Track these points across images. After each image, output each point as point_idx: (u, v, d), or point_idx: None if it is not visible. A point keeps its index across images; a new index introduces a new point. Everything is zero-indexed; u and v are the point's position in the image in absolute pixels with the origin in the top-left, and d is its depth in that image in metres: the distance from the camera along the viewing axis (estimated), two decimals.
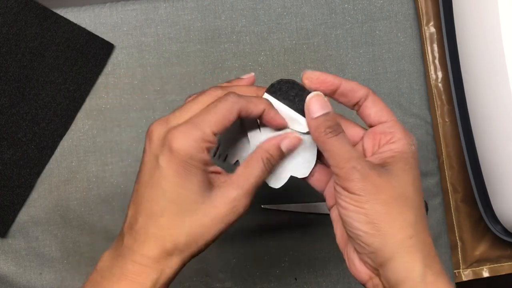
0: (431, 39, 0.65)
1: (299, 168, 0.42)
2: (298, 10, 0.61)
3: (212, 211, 0.37)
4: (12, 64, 0.57)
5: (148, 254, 0.37)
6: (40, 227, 0.58)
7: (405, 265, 0.36)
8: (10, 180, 0.57)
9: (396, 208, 0.36)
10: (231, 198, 0.38)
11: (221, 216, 0.38)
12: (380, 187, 0.36)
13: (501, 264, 0.64)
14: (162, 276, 0.37)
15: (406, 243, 0.36)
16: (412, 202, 0.37)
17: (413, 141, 0.39)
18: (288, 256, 0.59)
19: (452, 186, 0.64)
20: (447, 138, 0.64)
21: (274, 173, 0.42)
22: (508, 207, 0.57)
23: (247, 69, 0.60)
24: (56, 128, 0.58)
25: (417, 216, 0.37)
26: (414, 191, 0.37)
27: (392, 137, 0.39)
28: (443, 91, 0.65)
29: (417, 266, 0.36)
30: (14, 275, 0.58)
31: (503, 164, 0.55)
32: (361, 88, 0.40)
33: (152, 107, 0.59)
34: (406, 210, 0.37)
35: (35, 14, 0.58)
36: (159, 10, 0.60)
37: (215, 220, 0.38)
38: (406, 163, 0.38)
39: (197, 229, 0.37)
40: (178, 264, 0.38)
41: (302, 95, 0.40)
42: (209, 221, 0.37)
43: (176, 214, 0.37)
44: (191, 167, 0.36)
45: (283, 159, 0.41)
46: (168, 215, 0.37)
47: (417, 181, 0.38)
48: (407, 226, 0.36)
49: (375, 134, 0.40)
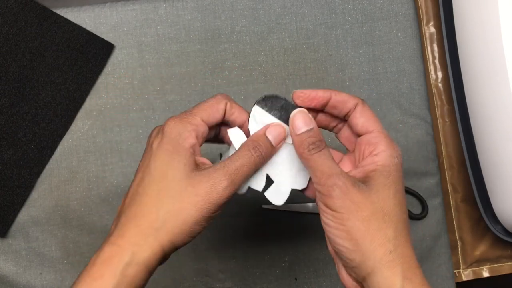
0: (431, 39, 0.65)
1: (297, 180, 0.42)
2: (298, 10, 0.61)
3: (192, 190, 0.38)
4: (12, 64, 0.57)
5: (124, 235, 0.37)
6: (40, 227, 0.58)
7: (385, 280, 0.36)
8: (10, 180, 0.57)
9: (376, 224, 0.37)
10: (211, 176, 0.38)
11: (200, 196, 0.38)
12: (360, 204, 0.37)
13: (501, 264, 0.64)
14: (135, 258, 0.37)
15: (386, 258, 0.36)
16: (392, 216, 0.37)
17: (397, 152, 0.39)
18: (288, 256, 0.59)
19: (452, 186, 0.64)
20: (447, 138, 0.64)
21: (275, 191, 0.42)
22: (508, 207, 0.57)
23: (247, 69, 0.60)
24: (56, 128, 0.58)
25: (396, 230, 0.37)
26: (395, 205, 0.38)
27: (375, 149, 0.39)
28: (443, 91, 0.65)
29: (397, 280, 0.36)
30: (14, 275, 0.58)
31: (503, 164, 0.55)
32: (351, 99, 0.41)
33: (152, 107, 0.59)
34: (385, 226, 0.37)
35: (35, 14, 0.58)
36: (159, 10, 0.60)
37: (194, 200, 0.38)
38: (388, 177, 0.38)
39: (174, 207, 0.37)
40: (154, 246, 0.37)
41: (287, 108, 0.41)
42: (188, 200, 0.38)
43: (157, 193, 0.38)
44: (179, 146, 0.38)
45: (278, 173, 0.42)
46: (150, 194, 0.38)
47: (399, 194, 0.38)
48: (386, 242, 0.37)
49: (361, 144, 0.40)
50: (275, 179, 0.42)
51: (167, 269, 0.58)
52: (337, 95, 0.41)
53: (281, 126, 0.41)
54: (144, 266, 0.37)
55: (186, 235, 0.38)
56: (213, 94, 0.59)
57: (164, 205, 0.38)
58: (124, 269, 0.36)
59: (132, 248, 0.37)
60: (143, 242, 0.37)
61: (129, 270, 0.36)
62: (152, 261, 0.37)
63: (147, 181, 0.39)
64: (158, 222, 0.37)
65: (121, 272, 0.36)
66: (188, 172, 0.38)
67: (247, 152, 0.39)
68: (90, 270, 0.37)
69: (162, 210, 0.38)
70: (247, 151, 0.39)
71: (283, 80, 0.60)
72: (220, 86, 0.60)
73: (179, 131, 0.39)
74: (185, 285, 0.59)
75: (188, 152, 0.39)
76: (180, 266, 0.59)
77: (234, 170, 0.39)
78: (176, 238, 0.38)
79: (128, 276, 0.36)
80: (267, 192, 0.42)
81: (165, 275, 0.58)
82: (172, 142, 0.39)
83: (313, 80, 0.61)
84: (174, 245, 0.38)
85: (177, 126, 0.39)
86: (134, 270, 0.37)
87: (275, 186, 0.42)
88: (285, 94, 0.60)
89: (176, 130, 0.39)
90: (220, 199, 0.38)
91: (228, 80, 0.60)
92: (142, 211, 0.38)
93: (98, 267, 0.37)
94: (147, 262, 0.37)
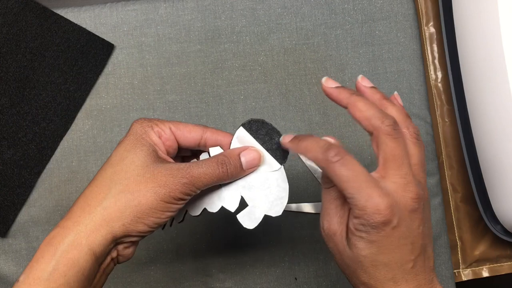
0: (430, 39, 0.65)
1: (272, 207, 0.42)
2: (298, 10, 0.61)
3: (150, 177, 0.37)
4: (12, 64, 0.58)
5: (70, 217, 0.36)
6: (41, 227, 0.58)
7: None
8: (10, 180, 0.57)
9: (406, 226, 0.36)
10: (172, 170, 0.37)
11: (157, 183, 0.37)
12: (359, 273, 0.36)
13: (500, 264, 0.64)
14: (78, 237, 0.35)
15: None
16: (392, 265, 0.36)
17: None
18: (288, 256, 0.60)
19: (452, 186, 0.64)
20: (447, 138, 0.64)
21: (248, 215, 0.41)
22: (508, 207, 0.57)
23: (247, 69, 0.60)
24: (57, 128, 0.58)
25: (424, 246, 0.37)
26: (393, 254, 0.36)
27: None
28: (442, 91, 0.65)
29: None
30: (14, 275, 0.58)
31: (503, 164, 0.55)
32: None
33: (152, 107, 0.60)
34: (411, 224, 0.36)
35: (36, 14, 0.58)
36: (159, 10, 0.60)
37: (151, 186, 0.37)
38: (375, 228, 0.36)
39: (129, 189, 0.37)
40: (102, 227, 0.36)
41: (272, 134, 0.41)
42: (145, 185, 0.37)
43: (112, 175, 0.37)
44: (141, 138, 0.39)
45: (254, 198, 0.41)
46: (103, 175, 0.38)
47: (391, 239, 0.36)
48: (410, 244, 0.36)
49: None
50: (250, 203, 0.41)
51: (167, 269, 0.58)
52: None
53: (258, 152, 0.40)
54: (88, 249, 0.35)
55: (139, 220, 0.37)
56: (213, 94, 0.60)
57: (116, 185, 0.37)
58: (65, 250, 0.35)
59: (76, 228, 0.35)
60: (89, 221, 0.36)
61: (71, 251, 0.35)
62: (100, 245, 0.36)
63: (104, 167, 0.39)
64: (108, 200, 0.36)
65: (61, 253, 0.35)
66: (148, 161, 0.38)
67: (214, 164, 0.39)
68: (35, 254, 0.36)
69: (114, 190, 0.36)
70: (214, 163, 0.39)
71: (283, 80, 0.61)
72: (220, 86, 0.60)
73: (144, 128, 0.39)
74: (185, 284, 0.59)
75: (150, 146, 0.39)
76: (180, 265, 0.59)
77: (196, 174, 0.38)
78: (128, 221, 0.36)
79: (69, 258, 0.35)
80: (239, 215, 0.41)
81: (165, 275, 0.58)
82: (136, 135, 0.39)
83: (313, 80, 0.61)
84: (127, 230, 0.36)
85: (144, 124, 0.40)
86: (78, 251, 0.35)
87: (248, 210, 0.41)
88: (285, 94, 0.60)
89: (142, 128, 0.39)
90: (177, 192, 0.37)
91: (228, 80, 0.60)
92: (92, 192, 0.37)
93: (41, 249, 0.36)
94: (92, 245, 0.35)
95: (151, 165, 0.38)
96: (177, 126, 0.40)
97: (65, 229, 0.36)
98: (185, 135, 0.40)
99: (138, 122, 0.40)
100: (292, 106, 0.60)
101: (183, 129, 0.40)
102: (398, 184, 0.35)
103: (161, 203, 0.37)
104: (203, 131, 0.41)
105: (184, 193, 0.38)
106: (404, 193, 0.35)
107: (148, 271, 0.58)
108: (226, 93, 0.60)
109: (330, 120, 0.61)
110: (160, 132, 0.40)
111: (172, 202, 0.37)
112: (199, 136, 0.41)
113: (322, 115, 0.60)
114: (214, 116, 0.60)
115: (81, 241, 0.35)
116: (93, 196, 0.37)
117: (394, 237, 0.35)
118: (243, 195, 0.41)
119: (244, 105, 0.60)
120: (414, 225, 0.36)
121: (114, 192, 0.37)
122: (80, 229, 0.36)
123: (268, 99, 0.60)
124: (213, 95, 0.60)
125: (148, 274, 0.58)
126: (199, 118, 0.60)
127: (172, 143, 0.40)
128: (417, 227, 0.36)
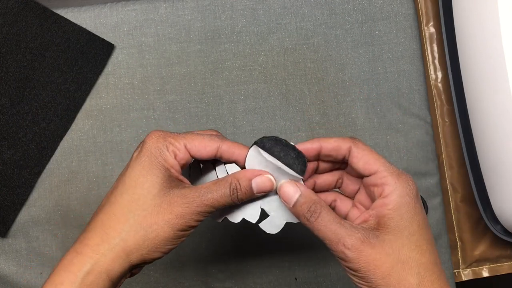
0: (430, 39, 0.65)
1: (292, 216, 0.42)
2: (298, 10, 0.61)
3: (167, 208, 0.37)
4: (12, 64, 0.58)
5: (88, 243, 0.37)
6: (41, 227, 0.58)
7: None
8: (10, 180, 0.57)
9: (395, 277, 0.36)
10: (187, 199, 0.38)
11: (174, 214, 0.37)
12: (375, 261, 0.36)
13: (500, 264, 0.64)
14: (97, 267, 0.36)
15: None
16: (411, 263, 0.37)
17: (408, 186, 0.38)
18: (288, 256, 0.60)
19: (452, 186, 0.64)
20: (446, 138, 0.64)
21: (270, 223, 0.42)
22: (507, 207, 0.57)
23: (247, 69, 0.60)
24: (57, 128, 0.58)
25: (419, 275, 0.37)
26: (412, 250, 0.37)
27: (383, 190, 0.38)
28: (442, 91, 0.65)
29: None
30: (14, 275, 0.58)
31: (503, 164, 0.55)
32: (343, 144, 0.40)
33: (152, 107, 0.60)
34: (405, 275, 0.36)
35: (35, 14, 0.58)
36: (159, 10, 0.60)
37: (168, 218, 0.37)
38: (400, 221, 0.37)
39: (146, 221, 0.37)
40: (120, 257, 0.37)
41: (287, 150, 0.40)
42: (162, 216, 0.37)
43: (129, 203, 0.38)
44: (157, 160, 0.38)
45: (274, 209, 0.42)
46: (121, 203, 0.38)
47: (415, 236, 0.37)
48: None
49: (368, 186, 0.40)
50: (271, 214, 0.42)
51: (167, 269, 0.58)
52: (326, 143, 0.40)
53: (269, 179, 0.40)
54: (106, 276, 0.36)
55: (157, 250, 0.38)
56: (213, 94, 0.60)
57: (135, 217, 0.37)
58: (85, 277, 0.36)
59: (95, 256, 0.36)
60: (108, 251, 0.37)
61: (89, 278, 0.36)
62: (117, 273, 0.37)
63: (120, 190, 0.38)
64: (127, 232, 0.37)
65: (81, 280, 0.36)
66: (164, 189, 0.38)
67: (226, 190, 0.39)
68: (51, 278, 0.37)
69: (133, 221, 0.37)
70: (226, 188, 0.39)
71: (283, 80, 0.61)
72: (220, 86, 0.60)
73: (159, 147, 0.39)
74: (185, 285, 0.59)
75: (166, 169, 0.38)
76: (180, 266, 0.59)
77: (210, 202, 0.38)
78: (146, 251, 0.37)
79: (88, 285, 0.36)
80: (261, 224, 0.42)
81: (165, 275, 0.58)
82: (151, 156, 0.38)
83: (313, 80, 0.61)
84: (144, 259, 0.38)
85: (159, 142, 0.39)
86: (96, 279, 0.36)
87: (270, 219, 0.42)
88: (285, 94, 0.60)
89: (156, 146, 0.39)
90: (193, 221, 0.38)
91: (228, 80, 0.60)
92: (110, 219, 0.38)
93: (59, 273, 0.36)
94: (110, 273, 0.37)
95: (168, 193, 0.38)
96: (192, 142, 0.40)
97: (84, 256, 0.37)
98: (201, 151, 0.40)
99: (152, 140, 0.39)
100: (292, 106, 0.60)
101: (199, 145, 0.40)
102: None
103: (177, 233, 0.38)
104: (219, 145, 0.40)
105: (198, 220, 0.39)
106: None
107: (148, 271, 0.58)
108: (226, 93, 0.60)
109: (330, 120, 0.61)
110: (176, 152, 0.39)
111: (187, 230, 0.39)
112: (214, 151, 0.40)
113: (322, 115, 0.60)
114: (214, 116, 0.60)
115: (101, 269, 0.36)
116: (111, 224, 0.37)
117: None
118: (263, 207, 0.42)
119: (244, 105, 0.60)
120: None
121: (132, 223, 0.37)
122: (99, 258, 0.37)
123: (268, 99, 0.60)
124: (213, 95, 0.60)
125: (148, 274, 0.58)
126: (199, 118, 0.60)
127: (187, 160, 0.40)
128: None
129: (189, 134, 0.40)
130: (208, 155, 0.40)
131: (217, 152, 0.40)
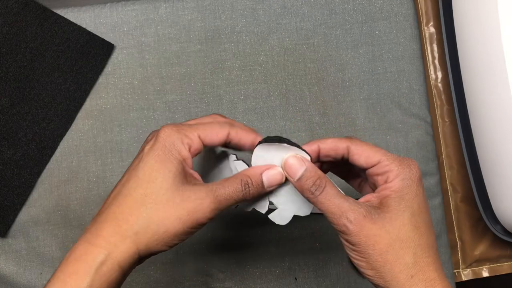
0: (430, 39, 0.65)
1: (301, 209, 0.43)
2: (298, 10, 0.61)
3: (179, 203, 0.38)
4: (12, 64, 0.58)
5: (101, 234, 0.37)
6: (41, 227, 0.58)
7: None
8: (10, 180, 0.57)
9: (393, 254, 0.37)
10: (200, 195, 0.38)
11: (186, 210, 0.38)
12: (375, 237, 0.37)
13: (500, 264, 0.64)
14: (110, 258, 0.37)
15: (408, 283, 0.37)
16: (409, 243, 0.38)
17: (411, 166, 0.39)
18: (288, 256, 0.60)
19: (452, 186, 0.64)
20: (446, 138, 0.64)
21: (279, 215, 0.43)
22: (507, 207, 0.57)
23: (247, 69, 0.60)
24: (57, 128, 0.58)
25: (416, 255, 0.38)
26: (411, 230, 0.38)
27: (387, 177, 0.39)
28: (442, 91, 0.65)
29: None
30: (14, 275, 0.58)
31: (503, 164, 0.55)
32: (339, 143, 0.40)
33: (152, 107, 0.60)
34: (402, 253, 0.37)
35: (35, 14, 0.58)
36: (159, 10, 0.60)
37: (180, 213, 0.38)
38: (401, 201, 0.38)
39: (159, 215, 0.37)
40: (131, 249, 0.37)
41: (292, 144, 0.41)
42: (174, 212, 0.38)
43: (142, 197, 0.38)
44: (171, 154, 0.38)
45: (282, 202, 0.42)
46: (134, 196, 0.38)
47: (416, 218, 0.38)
48: (405, 268, 0.37)
49: (371, 176, 0.40)
50: (280, 207, 0.43)
51: (167, 269, 0.58)
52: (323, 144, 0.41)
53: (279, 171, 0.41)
54: (119, 267, 0.37)
55: (164, 244, 0.38)
56: (213, 94, 0.60)
57: (147, 210, 0.37)
58: (99, 268, 0.36)
59: (108, 247, 0.37)
60: (121, 243, 0.37)
61: (103, 269, 0.36)
62: (128, 263, 0.37)
63: (133, 183, 0.38)
64: (139, 225, 0.37)
65: (96, 270, 0.36)
66: (177, 184, 0.38)
67: (238, 185, 0.39)
68: (64, 267, 0.37)
69: (145, 215, 0.37)
70: (238, 184, 0.40)
71: (283, 80, 0.61)
72: (220, 86, 0.60)
73: (173, 141, 0.39)
74: (185, 284, 0.59)
75: (179, 163, 0.38)
76: (180, 265, 0.59)
77: (222, 198, 0.39)
78: (154, 245, 0.38)
79: (102, 275, 0.36)
80: (270, 215, 0.43)
81: (165, 275, 0.58)
82: (165, 149, 0.38)
83: (313, 80, 0.61)
84: (150, 251, 0.38)
85: (173, 135, 0.39)
86: (109, 269, 0.36)
87: (278, 212, 0.43)
88: (285, 94, 0.60)
89: (171, 139, 0.39)
90: (204, 218, 0.38)
91: (228, 80, 0.60)
92: (123, 212, 0.38)
93: (72, 263, 0.37)
94: (122, 264, 0.37)
95: (180, 188, 0.38)
96: (204, 132, 0.40)
97: (97, 247, 0.37)
98: (213, 139, 0.40)
99: (167, 132, 0.39)
100: (292, 106, 0.60)
101: (211, 134, 0.40)
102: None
103: (187, 229, 0.38)
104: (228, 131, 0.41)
105: (210, 218, 0.39)
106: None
107: (148, 271, 0.58)
108: (226, 93, 0.60)
109: (330, 120, 0.61)
110: (190, 143, 0.39)
111: (196, 227, 0.39)
112: (225, 137, 0.41)
113: (322, 115, 0.60)
114: None
115: (113, 260, 0.37)
116: (124, 217, 0.38)
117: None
118: (271, 200, 0.43)
119: (244, 105, 0.60)
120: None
121: (144, 217, 0.37)
122: (112, 249, 0.37)
123: (268, 99, 0.60)
124: (213, 95, 0.60)
125: (148, 274, 0.58)
126: None
127: (200, 150, 0.40)
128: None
129: (200, 123, 0.41)
130: (219, 142, 0.41)
131: (227, 138, 0.41)
